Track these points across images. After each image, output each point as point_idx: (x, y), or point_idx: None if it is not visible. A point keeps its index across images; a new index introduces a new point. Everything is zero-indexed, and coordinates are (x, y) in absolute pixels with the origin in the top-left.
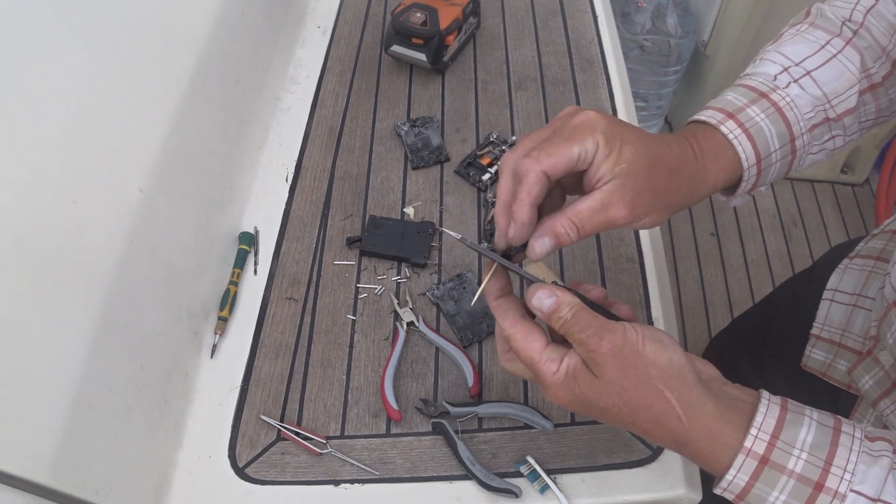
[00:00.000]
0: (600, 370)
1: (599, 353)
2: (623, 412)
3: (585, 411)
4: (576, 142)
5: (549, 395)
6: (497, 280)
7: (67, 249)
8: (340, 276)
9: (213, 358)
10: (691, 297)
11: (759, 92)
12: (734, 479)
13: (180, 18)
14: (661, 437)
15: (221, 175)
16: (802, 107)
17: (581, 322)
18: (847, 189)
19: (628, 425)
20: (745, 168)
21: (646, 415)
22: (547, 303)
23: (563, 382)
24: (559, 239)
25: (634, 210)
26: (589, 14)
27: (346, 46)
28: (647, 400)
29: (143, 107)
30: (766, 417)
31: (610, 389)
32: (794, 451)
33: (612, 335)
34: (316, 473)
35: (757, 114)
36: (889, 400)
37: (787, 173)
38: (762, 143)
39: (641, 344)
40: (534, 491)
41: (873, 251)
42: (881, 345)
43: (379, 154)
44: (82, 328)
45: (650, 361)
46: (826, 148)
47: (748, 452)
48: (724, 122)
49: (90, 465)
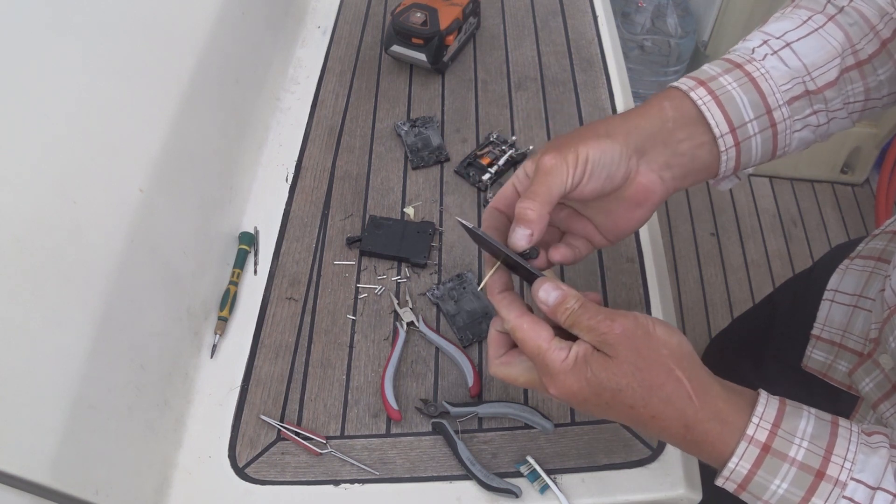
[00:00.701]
0: (614, 350)
1: (612, 334)
2: (636, 393)
3: (595, 398)
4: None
5: (556, 385)
6: (500, 276)
7: (67, 249)
8: (340, 276)
9: (213, 358)
10: (691, 297)
11: (734, 63)
12: (736, 468)
13: (180, 18)
14: (671, 419)
15: (221, 175)
16: (778, 78)
17: (589, 311)
18: (847, 189)
19: (639, 409)
20: (718, 136)
21: (658, 394)
22: (553, 294)
23: (572, 369)
24: (523, 218)
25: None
26: (589, 14)
27: (346, 46)
28: (660, 378)
29: (143, 107)
30: (767, 408)
31: (625, 368)
32: (795, 440)
33: (623, 318)
34: (316, 473)
35: (729, 82)
36: (889, 403)
37: (774, 152)
38: (734, 111)
39: (652, 326)
40: (534, 491)
41: (874, 252)
42: (881, 348)
43: (379, 154)
44: (82, 328)
45: (662, 342)
46: (810, 124)
47: (750, 440)
48: (694, 89)
49: (90, 465)
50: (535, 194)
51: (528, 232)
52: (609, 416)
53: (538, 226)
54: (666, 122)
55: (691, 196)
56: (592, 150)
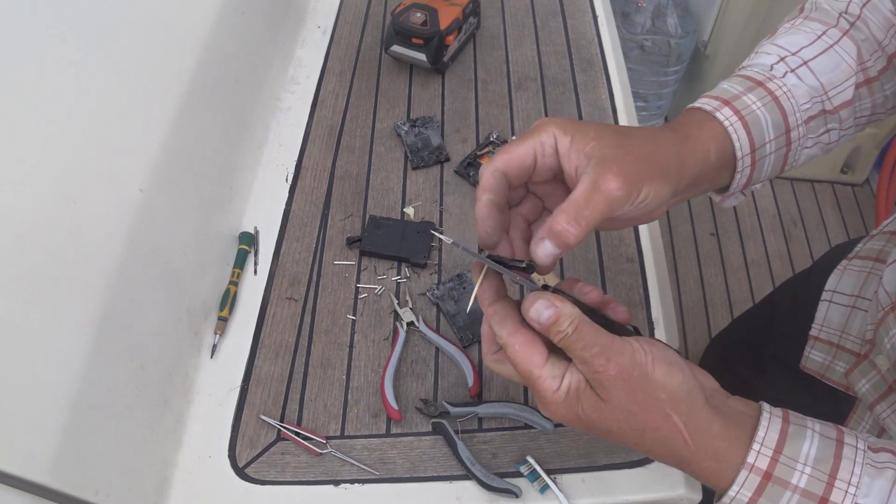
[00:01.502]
0: (607, 393)
1: (606, 375)
2: (628, 434)
3: (585, 430)
4: (529, 138)
5: (547, 410)
6: (490, 283)
7: (67, 249)
8: (340, 276)
9: (213, 358)
10: (691, 297)
11: (755, 81)
12: (737, 496)
13: (180, 18)
14: (664, 457)
15: (221, 175)
16: (799, 97)
17: (584, 339)
18: (847, 189)
19: (631, 445)
20: (739, 157)
21: (652, 436)
22: (545, 314)
23: (563, 402)
24: (560, 238)
25: (627, 178)
26: (589, 14)
27: (346, 46)
28: (655, 423)
29: (143, 107)
30: (769, 431)
31: (617, 414)
32: (798, 466)
33: (619, 357)
34: (316, 473)
35: (753, 101)
36: (885, 404)
37: (782, 169)
38: (757, 132)
39: (651, 366)
40: (534, 491)
41: (872, 252)
42: (877, 349)
43: (379, 154)
44: (82, 328)
45: (660, 385)
46: (821, 142)
47: (751, 468)
48: (719, 109)
49: (90, 465)
50: (583, 218)
51: (557, 252)
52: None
53: (570, 249)
54: (708, 163)
55: None
56: (655, 192)
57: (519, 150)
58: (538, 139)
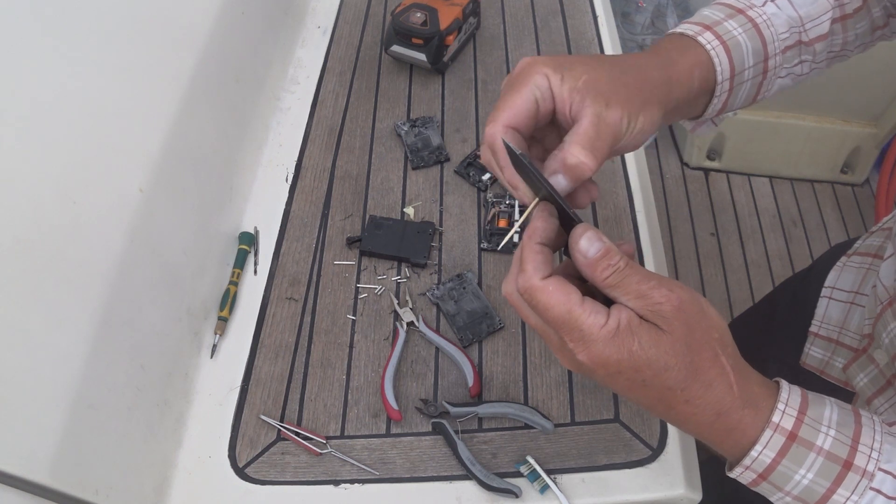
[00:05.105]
0: (669, 324)
1: (670, 305)
2: (680, 374)
3: (633, 373)
4: (524, 85)
5: (588, 351)
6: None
7: (67, 249)
8: (340, 276)
9: (213, 358)
10: None
11: (735, 8)
12: (759, 456)
13: (180, 18)
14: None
15: (221, 175)
16: (779, 26)
17: (639, 272)
18: (847, 189)
19: (676, 392)
20: (720, 82)
21: (702, 378)
22: (596, 245)
23: (613, 338)
24: (575, 171)
25: (625, 108)
26: (589, 14)
27: (346, 46)
28: (706, 363)
29: (143, 106)
30: (791, 394)
31: (678, 347)
32: (822, 428)
33: (680, 289)
34: (316, 473)
35: (734, 27)
36: (883, 398)
37: (755, 99)
38: (738, 58)
39: (707, 304)
40: (534, 491)
41: (870, 248)
42: (875, 343)
43: (379, 154)
44: (82, 328)
45: (714, 324)
46: (794, 73)
47: (776, 427)
48: (701, 34)
49: (90, 465)
50: (597, 150)
51: (571, 187)
52: (635, 395)
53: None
54: (692, 89)
55: (691, 196)
56: (650, 120)
57: (520, 101)
58: (532, 83)
